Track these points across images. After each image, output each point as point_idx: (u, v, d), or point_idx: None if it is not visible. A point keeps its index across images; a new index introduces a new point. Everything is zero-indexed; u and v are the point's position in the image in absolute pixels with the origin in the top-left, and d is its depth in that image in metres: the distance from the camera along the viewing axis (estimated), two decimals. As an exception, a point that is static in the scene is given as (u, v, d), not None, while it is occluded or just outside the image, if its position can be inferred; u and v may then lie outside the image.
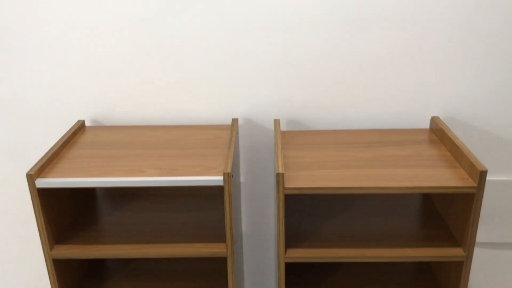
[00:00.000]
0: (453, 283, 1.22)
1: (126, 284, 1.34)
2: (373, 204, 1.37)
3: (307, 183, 1.09)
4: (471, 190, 1.07)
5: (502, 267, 1.63)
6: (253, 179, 1.50)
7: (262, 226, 1.57)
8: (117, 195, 1.42)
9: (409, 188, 1.07)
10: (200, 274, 1.37)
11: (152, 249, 1.17)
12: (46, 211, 1.13)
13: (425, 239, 1.21)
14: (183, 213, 1.32)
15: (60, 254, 1.16)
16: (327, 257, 1.16)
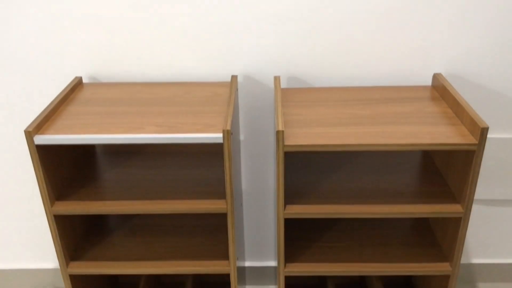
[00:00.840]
0: (450, 239, 1.24)
1: (127, 240, 1.36)
2: (373, 161, 1.37)
3: (307, 141, 1.09)
4: (472, 147, 1.06)
5: (499, 224, 1.65)
6: (252, 137, 1.50)
7: (261, 183, 1.58)
8: (116, 152, 1.42)
9: (409, 145, 1.07)
10: (200, 230, 1.39)
11: (153, 205, 1.18)
12: (45, 167, 1.13)
13: (424, 196, 1.21)
14: (183, 170, 1.33)
15: (61, 210, 1.17)
16: (325, 213, 1.17)
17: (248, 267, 1.73)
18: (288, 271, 1.26)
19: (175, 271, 1.27)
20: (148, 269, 1.26)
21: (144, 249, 1.32)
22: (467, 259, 1.73)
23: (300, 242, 1.35)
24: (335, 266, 1.26)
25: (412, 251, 1.30)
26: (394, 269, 1.25)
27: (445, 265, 1.25)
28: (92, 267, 1.26)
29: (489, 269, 1.73)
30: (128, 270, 1.26)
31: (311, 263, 1.27)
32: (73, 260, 1.29)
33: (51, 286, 1.77)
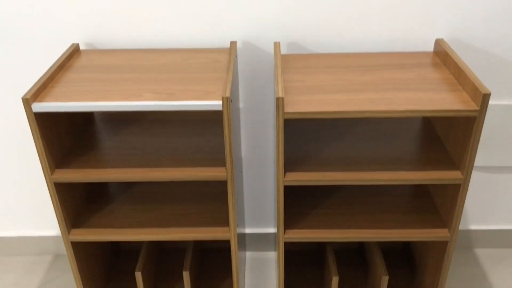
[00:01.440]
0: (449, 206, 1.24)
1: (127, 207, 1.37)
2: (374, 128, 1.37)
3: (307, 108, 1.08)
4: (473, 114, 1.06)
5: (497, 190, 1.66)
6: (252, 105, 1.49)
7: (261, 151, 1.58)
8: (115, 120, 1.41)
9: (410, 111, 1.06)
10: (201, 197, 1.40)
11: (153, 172, 1.18)
12: (44, 135, 1.13)
13: (424, 162, 1.21)
14: (182, 138, 1.32)
15: (61, 178, 1.17)
16: (325, 180, 1.17)
17: (248, 234, 1.75)
18: (287, 237, 1.27)
19: (176, 237, 1.28)
20: (149, 236, 1.27)
21: (145, 216, 1.33)
22: (465, 225, 1.74)
23: (300, 209, 1.35)
24: (334, 233, 1.27)
25: (411, 218, 1.31)
26: (393, 235, 1.26)
27: (444, 231, 1.26)
28: (93, 234, 1.28)
29: (487, 235, 1.75)
30: (129, 237, 1.27)
31: (310, 229, 1.28)
32: (75, 227, 1.30)
33: (53, 253, 1.79)
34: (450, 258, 1.28)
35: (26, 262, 1.76)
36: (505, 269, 1.69)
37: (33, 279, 1.69)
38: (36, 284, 1.67)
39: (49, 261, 1.77)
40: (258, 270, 1.71)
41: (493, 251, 1.77)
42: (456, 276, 1.66)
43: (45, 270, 1.73)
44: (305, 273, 1.63)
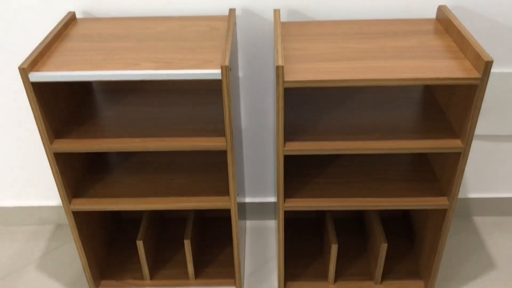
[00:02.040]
0: (449, 174, 1.25)
1: (128, 177, 1.37)
2: (374, 97, 1.36)
3: (307, 76, 1.07)
4: (475, 82, 1.05)
5: (496, 159, 1.66)
6: (252, 73, 1.47)
7: (261, 121, 1.57)
8: (113, 90, 1.40)
9: (411, 79, 1.05)
10: (201, 167, 1.40)
11: (152, 142, 1.18)
12: (42, 105, 1.12)
13: (424, 131, 1.21)
14: (182, 108, 1.32)
15: (60, 148, 1.17)
16: (325, 150, 1.17)
17: (248, 203, 1.76)
18: (287, 206, 1.28)
19: (177, 206, 1.29)
20: (150, 205, 1.28)
21: (145, 186, 1.34)
22: (464, 194, 1.75)
23: (300, 178, 1.36)
24: (333, 201, 1.28)
25: (410, 186, 1.32)
26: (392, 204, 1.27)
27: (443, 199, 1.27)
28: (94, 204, 1.28)
29: (485, 203, 1.76)
30: (130, 206, 1.28)
31: (310, 198, 1.29)
32: (75, 197, 1.30)
33: (55, 223, 1.81)
34: (448, 226, 1.29)
35: (28, 232, 1.78)
36: (502, 236, 1.70)
37: (35, 248, 1.71)
38: (39, 253, 1.69)
39: (51, 230, 1.78)
40: (258, 238, 1.73)
41: (491, 219, 1.78)
42: (454, 243, 1.68)
43: (47, 239, 1.75)
44: (305, 242, 1.65)
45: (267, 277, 1.58)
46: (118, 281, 1.51)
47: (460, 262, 1.61)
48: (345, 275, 1.51)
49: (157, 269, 1.55)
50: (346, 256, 1.58)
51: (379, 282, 1.48)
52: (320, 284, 1.48)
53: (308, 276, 1.51)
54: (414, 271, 1.51)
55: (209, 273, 1.53)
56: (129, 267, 1.55)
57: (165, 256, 1.60)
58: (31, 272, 1.61)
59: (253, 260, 1.64)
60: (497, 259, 1.62)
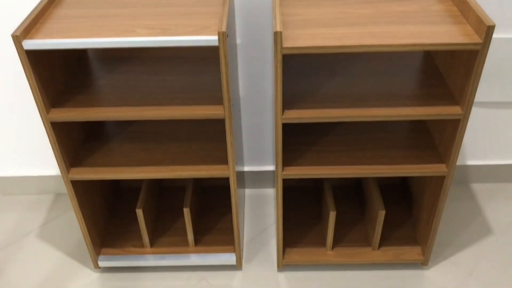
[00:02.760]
0: (447, 141, 1.24)
1: (126, 146, 1.36)
2: (374, 63, 1.34)
3: (306, 42, 1.05)
4: (476, 47, 1.03)
5: (495, 126, 1.66)
6: (250, 40, 1.45)
7: (260, 89, 1.56)
8: (109, 58, 1.38)
9: (411, 45, 1.03)
10: (200, 136, 1.39)
11: (150, 111, 1.17)
12: (38, 74, 1.11)
13: (424, 98, 1.20)
14: (179, 76, 1.30)
15: (57, 117, 1.16)
16: (323, 117, 1.16)
17: (247, 172, 1.76)
18: (285, 174, 1.28)
19: (176, 175, 1.29)
20: (149, 174, 1.28)
21: (143, 155, 1.33)
22: (462, 161, 1.76)
23: (298, 147, 1.36)
24: (331, 169, 1.28)
25: (409, 153, 1.31)
26: (390, 171, 1.27)
27: (441, 166, 1.27)
28: (92, 173, 1.28)
29: (483, 170, 1.77)
30: (128, 175, 1.28)
31: (308, 166, 1.29)
32: (74, 166, 1.30)
33: (54, 192, 1.82)
34: (446, 193, 1.30)
35: (28, 201, 1.79)
36: (500, 203, 1.72)
37: (35, 218, 1.72)
38: (39, 222, 1.70)
39: (50, 199, 1.79)
40: (257, 206, 1.74)
41: (488, 185, 1.79)
42: (452, 210, 1.70)
43: (47, 209, 1.75)
44: (303, 209, 1.66)
45: (266, 244, 1.60)
46: (118, 248, 1.52)
47: (457, 229, 1.63)
48: (343, 242, 1.53)
49: (157, 237, 1.56)
50: (344, 223, 1.60)
51: (377, 248, 1.49)
52: (318, 250, 1.50)
53: (307, 242, 1.53)
54: (412, 238, 1.53)
55: (208, 241, 1.54)
56: (129, 236, 1.57)
57: (164, 224, 1.61)
58: (31, 242, 1.63)
59: (252, 228, 1.66)
60: (494, 225, 1.64)
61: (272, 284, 1.47)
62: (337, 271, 1.50)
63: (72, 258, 1.56)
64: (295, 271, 1.50)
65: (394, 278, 1.47)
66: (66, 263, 1.55)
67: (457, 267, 1.50)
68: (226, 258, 1.49)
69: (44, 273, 1.52)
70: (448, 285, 1.45)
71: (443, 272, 1.49)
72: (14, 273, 1.52)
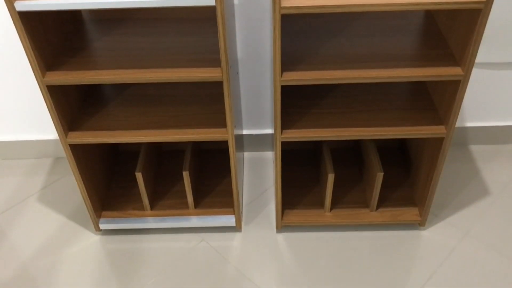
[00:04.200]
0: (447, 102, 1.24)
1: (124, 109, 1.36)
2: (374, 24, 1.32)
3: (305, 2, 1.02)
4: (479, 6, 1.01)
5: (494, 87, 1.65)
6: (247, 0, 1.42)
7: (258, 50, 1.53)
8: (104, 19, 1.36)
9: (412, 4, 1.01)
10: (198, 99, 1.38)
11: (147, 73, 1.15)
12: (32, 36, 1.08)
13: (424, 59, 1.18)
14: (176, 38, 1.28)
15: (53, 81, 1.15)
16: (322, 79, 1.15)
17: (246, 135, 1.76)
18: (284, 137, 1.27)
19: (175, 138, 1.28)
20: (147, 138, 1.28)
21: (141, 118, 1.33)
22: (461, 123, 1.75)
23: (297, 109, 1.35)
24: (330, 131, 1.28)
25: (408, 115, 1.31)
26: (389, 133, 1.27)
27: (440, 128, 1.27)
28: (90, 137, 1.28)
29: (482, 132, 1.77)
30: (127, 139, 1.28)
31: (307, 129, 1.28)
32: (72, 130, 1.30)
33: (53, 156, 1.82)
34: (445, 155, 1.30)
35: (27, 166, 1.79)
36: (498, 164, 1.73)
37: (35, 182, 1.72)
38: (39, 186, 1.71)
39: (49, 164, 1.80)
40: (256, 169, 1.75)
41: (487, 147, 1.80)
42: (450, 172, 1.70)
43: (47, 172, 1.76)
44: (302, 172, 1.67)
45: (265, 206, 1.61)
46: (119, 211, 1.54)
47: (455, 190, 1.64)
48: (341, 203, 1.54)
49: (157, 200, 1.57)
50: (343, 185, 1.61)
51: (375, 210, 1.51)
52: (316, 212, 1.52)
53: (305, 204, 1.54)
54: (409, 199, 1.54)
55: (208, 203, 1.56)
56: (129, 198, 1.58)
57: (164, 187, 1.62)
58: (31, 205, 1.64)
59: (251, 190, 1.67)
60: (492, 186, 1.65)
61: (271, 245, 1.49)
62: (335, 232, 1.52)
63: (73, 221, 1.58)
64: (293, 232, 1.52)
65: (391, 238, 1.49)
66: (67, 226, 1.57)
67: (454, 228, 1.52)
68: (226, 220, 1.50)
69: (45, 236, 1.54)
70: (445, 244, 1.47)
71: (440, 232, 1.51)
72: (15, 237, 1.54)
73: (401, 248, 1.47)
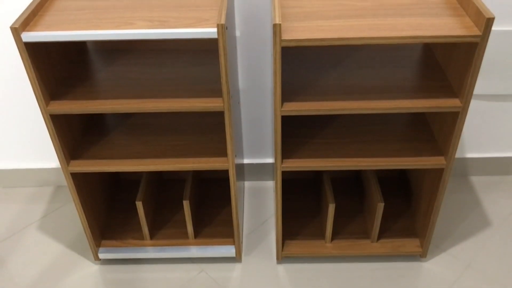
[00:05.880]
0: (446, 133, 1.24)
1: (126, 138, 1.37)
2: (373, 56, 1.34)
3: (305, 35, 1.05)
4: (475, 39, 1.03)
5: (493, 118, 1.66)
6: (249, 32, 1.45)
7: (259, 81, 1.56)
8: (108, 50, 1.38)
9: (411, 37, 1.03)
10: (199, 128, 1.40)
11: (149, 103, 1.17)
12: (37, 66, 1.11)
13: (423, 90, 1.20)
14: (178, 68, 1.30)
15: (56, 110, 1.16)
16: (322, 110, 1.16)
17: (246, 164, 1.77)
18: (285, 166, 1.28)
19: (176, 167, 1.29)
20: (148, 166, 1.28)
21: (143, 147, 1.34)
22: (461, 153, 1.76)
23: (297, 139, 1.36)
24: (330, 161, 1.28)
25: (408, 146, 1.32)
26: (389, 163, 1.27)
27: (440, 159, 1.27)
28: (92, 165, 1.28)
29: (482, 163, 1.77)
30: (128, 167, 1.28)
31: (307, 158, 1.29)
32: (74, 159, 1.30)
33: (54, 184, 1.82)
34: (445, 186, 1.30)
35: (28, 194, 1.79)
36: (498, 195, 1.72)
37: (36, 210, 1.72)
38: (39, 214, 1.71)
39: (50, 192, 1.80)
40: (257, 199, 1.75)
41: (487, 178, 1.80)
42: (450, 203, 1.70)
43: (47, 201, 1.76)
44: (303, 202, 1.66)
45: (265, 236, 1.60)
46: (118, 241, 1.53)
47: (456, 221, 1.63)
48: (342, 234, 1.53)
49: (156, 229, 1.57)
50: (343, 215, 1.60)
51: (376, 240, 1.50)
52: (317, 243, 1.51)
53: (306, 235, 1.54)
54: (410, 230, 1.54)
55: (208, 233, 1.55)
56: (129, 228, 1.57)
57: (164, 216, 1.62)
58: (32, 234, 1.63)
59: (251, 220, 1.66)
60: (492, 218, 1.64)
61: (272, 276, 1.48)
62: (336, 263, 1.50)
63: (73, 250, 1.57)
64: (294, 263, 1.51)
65: (392, 270, 1.48)
66: (66, 255, 1.56)
67: (455, 259, 1.51)
68: (226, 250, 1.49)
69: (44, 265, 1.53)
70: (447, 277, 1.45)
71: (442, 264, 1.49)
72: (15, 265, 1.53)
73: (402, 280, 1.45)
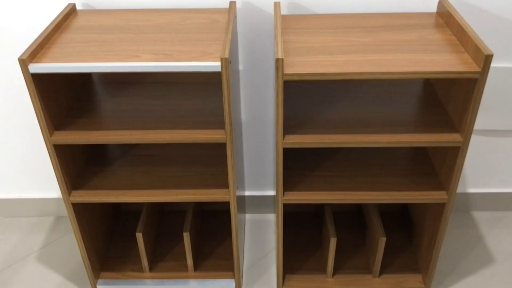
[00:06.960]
0: (448, 168, 1.25)
1: (128, 169, 1.37)
2: (374, 90, 1.36)
3: (307, 69, 1.07)
4: (474, 75, 1.04)
5: (495, 154, 1.66)
6: (252, 66, 1.47)
7: (261, 113, 1.57)
8: (113, 82, 1.40)
9: (411, 73, 1.05)
10: (201, 160, 1.40)
11: (152, 134, 1.18)
12: (42, 97, 1.12)
13: (424, 125, 1.21)
14: (181, 100, 1.32)
15: (60, 140, 1.17)
16: (324, 143, 1.17)
17: (248, 196, 1.76)
18: (286, 199, 1.28)
19: (176, 199, 1.29)
20: (149, 198, 1.28)
21: (145, 178, 1.34)
22: (463, 189, 1.75)
23: (299, 172, 1.36)
24: (332, 195, 1.28)
25: (409, 180, 1.32)
26: (391, 197, 1.27)
27: (441, 193, 1.27)
28: (93, 196, 1.28)
29: (484, 198, 1.76)
30: (129, 198, 1.28)
31: (309, 191, 1.29)
32: (75, 189, 1.31)
33: (55, 215, 1.81)
34: (447, 221, 1.30)
35: (28, 224, 1.78)
36: (501, 231, 1.71)
37: (36, 240, 1.71)
38: (39, 245, 1.69)
39: (51, 222, 1.79)
40: (258, 231, 1.73)
41: (489, 213, 1.79)
42: (453, 238, 1.69)
43: (47, 231, 1.75)
44: (304, 235, 1.65)
45: (266, 270, 1.58)
46: (117, 273, 1.51)
47: (458, 257, 1.61)
48: (343, 269, 1.52)
49: (156, 261, 1.55)
50: (345, 249, 1.59)
51: (378, 276, 1.48)
52: (318, 277, 1.49)
53: (307, 269, 1.52)
54: (413, 265, 1.52)
55: (208, 266, 1.53)
56: (128, 259, 1.56)
57: (164, 248, 1.60)
58: (31, 264, 1.62)
59: (252, 253, 1.65)
60: (495, 254, 1.62)
61: (272, 310, 1.45)
62: (337, 298, 1.48)
63: (71, 281, 1.55)
64: (295, 298, 1.49)
65: (395, 306, 1.46)
66: (64, 286, 1.54)
67: (458, 296, 1.48)
68: (226, 284, 1.47)
69: (42, 296, 1.51)
70: (450, 314, 1.43)
71: (445, 300, 1.47)
72: (11, 296, 1.51)
73: (405, 316, 1.43)
